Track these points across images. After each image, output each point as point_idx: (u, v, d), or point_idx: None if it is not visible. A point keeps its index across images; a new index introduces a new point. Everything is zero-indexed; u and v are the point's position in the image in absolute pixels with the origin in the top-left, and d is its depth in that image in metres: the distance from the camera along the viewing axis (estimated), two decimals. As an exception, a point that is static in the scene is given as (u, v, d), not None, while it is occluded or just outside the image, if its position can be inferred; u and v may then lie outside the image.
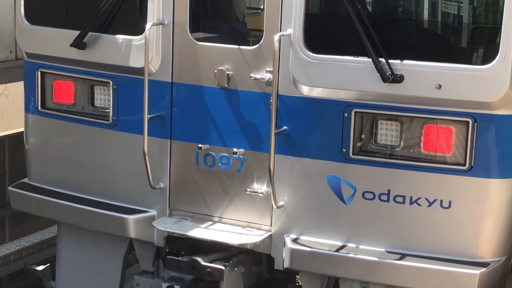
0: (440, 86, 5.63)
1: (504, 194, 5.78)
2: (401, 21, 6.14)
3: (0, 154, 9.73)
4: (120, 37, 6.58)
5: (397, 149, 5.92)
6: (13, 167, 9.56)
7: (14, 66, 8.39)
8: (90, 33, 6.63)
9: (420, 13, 6.10)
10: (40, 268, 7.73)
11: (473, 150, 5.68)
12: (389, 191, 5.93)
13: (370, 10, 6.02)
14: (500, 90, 5.52)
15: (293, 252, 6.07)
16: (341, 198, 6.02)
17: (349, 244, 6.05)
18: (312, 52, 5.91)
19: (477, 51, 5.81)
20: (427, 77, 5.69)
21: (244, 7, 7.51)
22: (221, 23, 6.95)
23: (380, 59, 5.67)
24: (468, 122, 5.66)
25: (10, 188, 7.39)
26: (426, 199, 5.84)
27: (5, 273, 9.14)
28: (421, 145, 5.85)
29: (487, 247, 5.82)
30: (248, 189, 6.32)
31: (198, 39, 6.38)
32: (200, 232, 6.31)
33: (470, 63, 5.65)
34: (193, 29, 6.39)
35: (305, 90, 6.01)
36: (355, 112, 5.91)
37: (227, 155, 6.36)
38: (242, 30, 7.09)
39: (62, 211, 6.98)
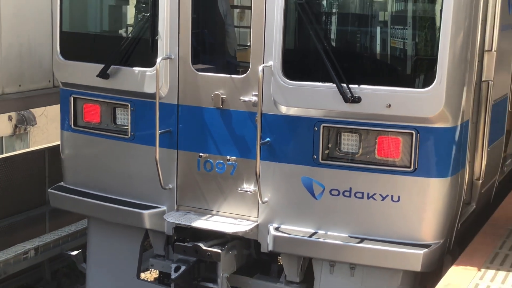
0: (389, 105, 5.73)
1: (441, 190, 5.89)
2: (359, 54, 6.23)
3: (41, 163, 9.70)
4: (136, 69, 6.61)
5: (356, 155, 6.01)
6: (51, 173, 9.56)
7: (52, 93, 8.40)
8: (112, 66, 6.67)
9: (374, 48, 6.24)
10: (74, 253, 7.77)
11: (417, 155, 5.80)
12: (350, 188, 6.01)
13: (334, 46, 6.10)
14: (437, 108, 5.67)
15: (275, 238, 6.17)
16: (313, 195, 6.11)
17: (319, 231, 6.13)
18: (288, 79, 5.98)
19: (419, 77, 5.91)
20: (379, 98, 5.77)
21: (235, 44, 7.50)
22: (216, 57, 6.95)
23: (342, 84, 5.75)
24: (412, 133, 5.77)
25: (49, 190, 7.47)
26: (380, 195, 5.94)
27: (46, 257, 9.19)
28: (376, 152, 5.94)
29: (428, 232, 5.93)
30: (239, 189, 6.38)
31: (198, 70, 6.42)
32: (201, 223, 6.39)
33: (413, 86, 5.81)
34: (194, 62, 6.43)
35: (284, 109, 6.09)
36: (323, 127, 5.99)
37: (222, 161, 6.40)
38: (233, 62, 7.08)
39: (91, 208, 7.03)
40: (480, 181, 6.71)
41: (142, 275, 7.66)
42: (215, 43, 7.06)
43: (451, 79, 5.70)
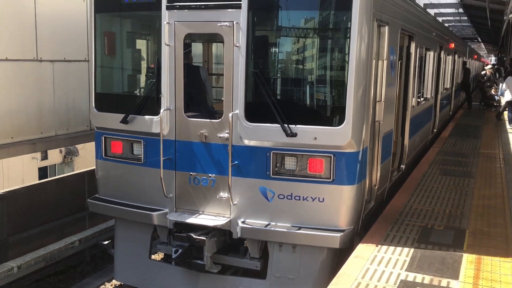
0: (316, 138, 5.78)
1: (351, 193, 5.92)
2: (295, 104, 6.23)
3: (82, 181, 9.61)
4: (146, 116, 6.51)
5: (295, 171, 5.97)
6: (89, 188, 9.48)
7: (89, 134, 8.36)
8: (130, 115, 6.60)
9: (305, 100, 6.29)
10: (105, 242, 7.63)
11: (334, 170, 5.83)
12: (292, 193, 5.98)
13: (278, 99, 6.11)
14: (346, 139, 5.75)
15: (242, 228, 6.13)
16: (267, 198, 6.07)
17: (271, 223, 6.08)
18: (249, 122, 5.99)
19: (334, 119, 5.88)
20: (309, 133, 5.80)
21: (212, 99, 7.44)
22: (201, 107, 6.87)
23: (284, 125, 5.80)
24: (331, 156, 5.81)
25: (88, 200, 7.33)
26: (311, 197, 5.93)
27: (86, 246, 9.08)
28: (308, 169, 5.92)
29: (343, 221, 5.94)
30: (218, 196, 6.30)
31: (189, 116, 6.35)
32: (192, 219, 6.30)
33: (331, 125, 5.85)
34: (186, 111, 6.35)
35: (246, 142, 6.05)
36: (273, 153, 5.97)
37: (206, 177, 6.32)
38: (212, 111, 7.02)
39: (117, 211, 6.91)
40: (376, 186, 6.76)
41: (153, 257, 7.46)
42: (199, 98, 7.00)
43: (355, 120, 5.77)
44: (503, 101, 17.38)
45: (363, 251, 5.58)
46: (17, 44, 8.11)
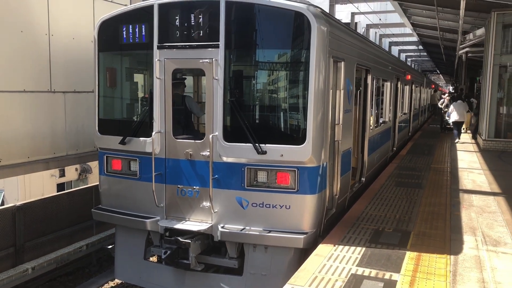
0: (282, 155, 5.87)
1: (312, 201, 5.96)
2: (265, 127, 6.25)
3: (90, 194, 9.65)
4: (141, 138, 6.56)
5: (266, 183, 6.02)
6: (96, 200, 9.48)
7: (95, 154, 8.33)
8: (127, 137, 6.66)
9: (274, 123, 6.32)
10: (110, 247, 7.64)
11: (298, 182, 5.89)
12: (263, 202, 6.02)
13: (251, 123, 6.11)
14: (307, 156, 5.83)
15: (221, 232, 6.15)
16: (242, 206, 6.10)
17: (246, 227, 6.11)
18: (227, 142, 6.06)
19: (297, 139, 5.92)
20: (276, 151, 5.88)
21: (198, 123, 7.48)
22: (187, 130, 6.88)
23: (256, 144, 5.89)
24: (295, 170, 5.87)
25: (92, 210, 7.28)
26: (279, 205, 5.97)
27: (93, 250, 9.11)
28: (276, 181, 5.97)
29: (306, 225, 5.99)
30: (201, 205, 6.33)
31: (177, 138, 6.41)
32: (180, 225, 6.33)
33: (294, 144, 5.89)
34: (174, 134, 6.43)
35: (225, 159, 6.09)
36: (247, 168, 6.02)
37: (191, 189, 6.35)
38: (196, 133, 7.06)
39: (117, 219, 6.90)
40: (337, 195, 6.87)
41: (151, 258, 7.41)
42: (186, 122, 7.06)
43: (315, 140, 5.88)
44: (450, 121, 17.99)
45: (322, 250, 5.67)
46: (33, 78, 8.26)
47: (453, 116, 17.13)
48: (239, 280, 6.30)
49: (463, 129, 19.10)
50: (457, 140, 17.17)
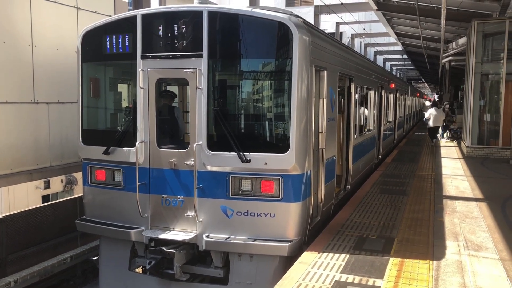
0: (266, 163, 5.88)
1: (297, 209, 5.98)
2: (250, 136, 6.25)
3: (74, 205, 9.56)
4: (125, 148, 6.54)
5: (250, 192, 6.01)
6: (80, 211, 9.36)
7: (79, 164, 8.33)
8: (111, 147, 6.64)
9: (258, 132, 6.30)
10: (95, 258, 7.58)
11: (282, 190, 5.91)
12: (248, 210, 6.01)
13: (236, 132, 6.11)
14: (291, 164, 5.86)
15: (206, 242, 6.13)
16: (227, 215, 6.09)
17: (231, 236, 6.09)
18: (211, 151, 6.07)
19: (281, 148, 5.94)
20: (261, 160, 5.89)
21: (183, 132, 7.35)
22: (171, 139, 6.85)
23: (240, 153, 5.89)
24: (279, 178, 5.89)
25: (76, 221, 7.18)
26: (264, 213, 5.97)
27: (77, 261, 9.01)
28: (261, 189, 5.97)
29: (291, 233, 5.99)
30: (186, 214, 6.30)
31: (161, 147, 6.41)
32: (164, 235, 6.28)
33: (278, 153, 5.91)
34: (158, 144, 6.42)
35: (209, 168, 6.10)
36: (231, 176, 6.01)
37: (175, 199, 6.33)
38: (180, 142, 7.03)
39: (101, 230, 6.83)
40: (322, 203, 6.89)
41: (136, 270, 7.35)
42: (171, 131, 7.03)
43: (298, 148, 5.92)
44: (427, 127, 18.94)
45: (307, 258, 5.67)
46: (16, 89, 8.21)
47: (430, 122, 18.64)
48: (224, 290, 6.27)
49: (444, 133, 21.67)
50: (433, 143, 18.95)
